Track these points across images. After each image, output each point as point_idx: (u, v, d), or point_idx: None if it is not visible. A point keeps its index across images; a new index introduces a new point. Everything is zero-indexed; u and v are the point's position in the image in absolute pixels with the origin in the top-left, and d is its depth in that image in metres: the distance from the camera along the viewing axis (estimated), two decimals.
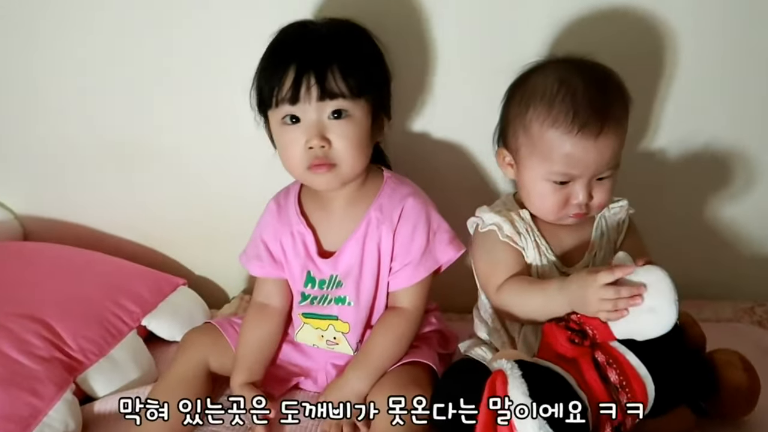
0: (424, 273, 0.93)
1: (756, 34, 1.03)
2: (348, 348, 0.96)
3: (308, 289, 0.97)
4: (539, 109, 0.85)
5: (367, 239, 0.94)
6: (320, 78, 0.86)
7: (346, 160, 0.90)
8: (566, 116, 0.83)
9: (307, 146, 0.89)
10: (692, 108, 1.07)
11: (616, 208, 0.93)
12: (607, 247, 0.93)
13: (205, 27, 1.08)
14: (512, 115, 0.89)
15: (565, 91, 0.83)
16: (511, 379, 0.70)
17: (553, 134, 0.84)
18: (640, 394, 0.74)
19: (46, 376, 0.94)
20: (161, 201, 1.23)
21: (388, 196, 0.96)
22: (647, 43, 1.03)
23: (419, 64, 1.06)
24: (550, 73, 0.86)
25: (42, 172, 1.24)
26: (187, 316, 1.13)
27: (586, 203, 0.87)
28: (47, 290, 1.06)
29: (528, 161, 0.88)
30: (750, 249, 1.17)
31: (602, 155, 0.84)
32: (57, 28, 1.11)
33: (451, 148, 1.11)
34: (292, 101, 0.87)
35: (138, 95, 1.14)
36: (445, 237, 0.95)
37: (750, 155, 1.11)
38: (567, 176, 0.85)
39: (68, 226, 1.26)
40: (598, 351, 0.75)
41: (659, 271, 0.76)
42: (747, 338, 1.05)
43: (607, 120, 0.83)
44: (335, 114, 0.88)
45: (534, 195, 0.89)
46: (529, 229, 0.90)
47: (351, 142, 0.89)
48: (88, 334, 1.01)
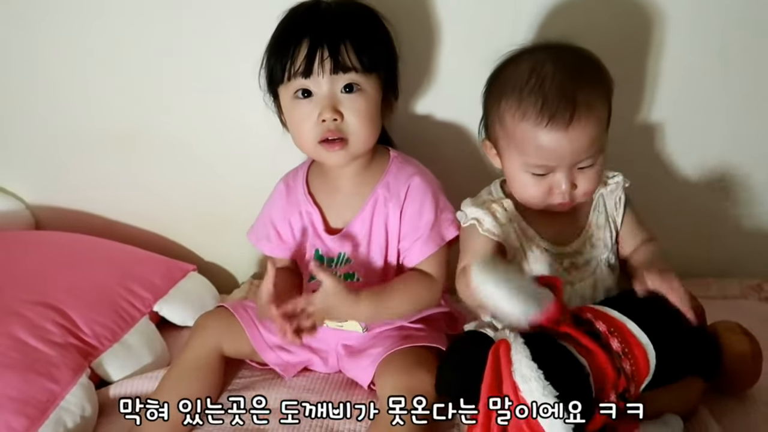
0: (434, 247, 0.94)
1: (748, 10, 1.02)
2: (356, 326, 0.97)
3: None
4: (510, 101, 0.84)
5: (375, 217, 0.96)
6: (333, 51, 0.88)
7: (358, 134, 0.91)
8: (534, 107, 0.81)
9: (320, 119, 0.89)
10: (690, 82, 1.06)
11: (612, 184, 0.92)
12: (606, 225, 0.93)
13: (212, 12, 1.08)
14: (489, 107, 0.89)
15: (534, 81, 0.82)
16: (514, 345, 0.72)
17: (524, 127, 0.83)
18: (642, 361, 0.75)
19: (62, 361, 0.95)
20: (170, 188, 1.24)
21: (394, 175, 0.96)
22: (646, 18, 1.02)
23: (423, 46, 1.06)
24: (523, 62, 0.85)
25: (52, 161, 1.25)
26: (197, 302, 1.14)
27: (569, 192, 0.86)
28: (60, 278, 1.08)
29: (506, 153, 0.87)
30: (756, 225, 1.16)
31: (577, 144, 0.82)
32: (62, 18, 1.11)
33: (455, 130, 1.12)
34: (305, 74, 0.88)
35: (146, 83, 1.14)
36: (450, 216, 0.96)
37: (756, 131, 1.10)
38: (544, 168, 0.85)
39: (79, 215, 1.28)
40: (599, 321, 0.76)
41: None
42: (754, 315, 1.05)
43: (578, 107, 0.80)
44: (347, 88, 0.89)
45: (517, 185, 0.88)
46: (512, 219, 0.90)
47: (363, 116, 0.90)
48: (102, 320, 1.03)
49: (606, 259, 0.93)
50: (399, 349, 0.92)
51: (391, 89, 0.97)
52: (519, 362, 0.70)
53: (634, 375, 0.75)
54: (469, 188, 0.96)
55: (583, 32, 0.90)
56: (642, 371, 0.76)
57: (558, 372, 0.70)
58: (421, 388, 0.87)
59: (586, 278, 0.91)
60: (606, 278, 0.92)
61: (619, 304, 0.79)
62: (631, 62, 1.05)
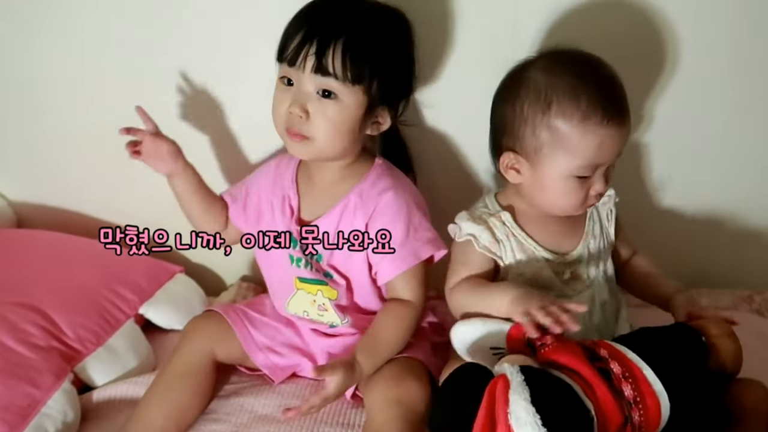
0: (404, 266, 0.92)
1: (753, 28, 1.02)
2: (335, 316, 0.96)
3: (291, 250, 0.96)
4: (563, 104, 0.83)
5: (342, 220, 0.94)
6: (320, 50, 0.85)
7: (321, 138, 0.89)
8: (595, 109, 0.83)
9: (288, 110, 0.88)
10: (688, 99, 1.07)
11: (605, 197, 0.94)
12: (600, 235, 0.94)
13: (205, 16, 1.06)
14: (528, 114, 0.86)
15: (584, 85, 0.83)
16: (513, 384, 0.68)
17: (584, 128, 0.83)
18: (654, 412, 0.71)
19: (43, 365, 0.93)
20: (157, 187, 1.21)
21: (371, 184, 0.95)
22: (643, 35, 1.02)
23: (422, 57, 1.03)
24: (558, 69, 0.85)
25: (35, 157, 1.22)
26: (184, 304, 1.12)
27: (601, 192, 0.88)
28: (43, 279, 1.05)
29: (550, 159, 0.85)
30: (748, 236, 1.17)
31: (623, 140, 0.86)
32: (53, 13, 1.09)
33: (447, 142, 1.10)
34: (290, 63, 0.87)
35: (133, 80, 1.12)
36: (426, 235, 0.93)
37: (746, 144, 1.10)
38: (593, 168, 0.86)
39: (62, 213, 1.25)
40: (614, 362, 0.73)
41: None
42: (745, 327, 1.05)
43: (625, 105, 0.86)
44: (325, 92, 0.87)
45: (555, 194, 0.87)
46: (510, 234, 0.90)
47: (330, 124, 0.88)
48: (86, 323, 1.01)
49: (603, 269, 0.93)
50: (387, 362, 0.91)
51: (388, 106, 0.92)
52: (516, 403, 0.66)
53: (642, 426, 0.71)
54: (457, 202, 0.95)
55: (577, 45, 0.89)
56: (652, 423, 0.72)
57: (558, 417, 0.65)
58: (409, 397, 0.87)
59: (584, 291, 0.91)
60: (602, 290, 0.92)
61: (637, 344, 0.75)
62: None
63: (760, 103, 1.08)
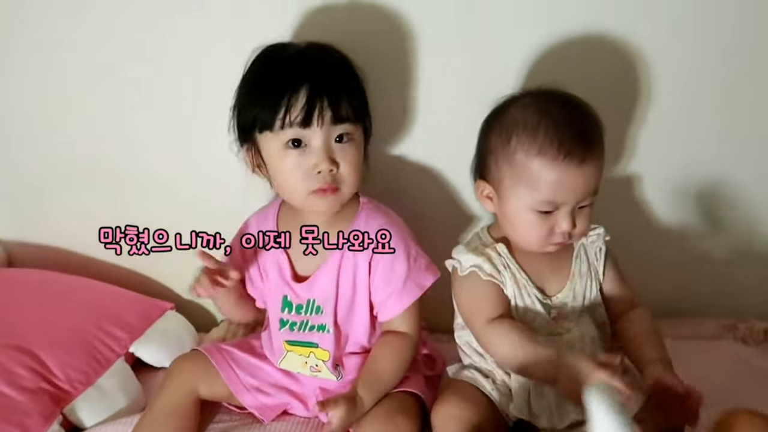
0: (409, 300, 0.93)
1: (727, 60, 1.05)
2: (330, 374, 0.96)
3: (285, 314, 0.97)
4: (522, 138, 0.85)
5: (342, 266, 0.94)
6: (333, 101, 0.87)
7: (348, 182, 0.91)
8: (551, 144, 0.83)
9: (315, 170, 0.88)
10: (668, 132, 1.09)
11: (593, 236, 0.94)
12: (588, 275, 0.94)
13: (185, 49, 1.07)
14: (493, 146, 0.89)
15: (548, 121, 0.84)
16: None
17: (539, 162, 0.84)
18: None
19: (33, 408, 0.93)
20: (146, 222, 1.22)
21: (364, 223, 0.95)
22: (623, 69, 1.05)
23: (399, 90, 1.06)
24: (529, 105, 0.87)
25: (25, 195, 1.23)
26: (175, 341, 1.12)
27: (569, 231, 0.87)
28: (32, 318, 1.05)
29: (512, 192, 0.87)
30: (731, 265, 1.18)
31: (587, 182, 0.85)
32: (37, 48, 1.10)
33: (430, 174, 1.12)
34: (303, 124, 0.86)
35: (120, 115, 1.13)
36: (423, 263, 0.95)
37: (728, 174, 1.12)
38: (552, 204, 0.86)
39: (53, 251, 1.25)
40: None
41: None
42: (730, 355, 1.07)
43: (590, 147, 0.85)
44: (338, 138, 0.89)
45: (519, 226, 0.89)
46: (506, 265, 0.91)
47: (353, 165, 0.90)
48: (75, 363, 1.01)
49: (588, 308, 0.93)
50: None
51: (369, 134, 0.96)
52: None
53: None
54: (443, 231, 0.97)
55: (555, 79, 0.91)
56: None
57: None
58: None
59: (573, 328, 0.91)
60: (590, 329, 0.92)
61: None
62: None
63: (747, 133, 1.10)
